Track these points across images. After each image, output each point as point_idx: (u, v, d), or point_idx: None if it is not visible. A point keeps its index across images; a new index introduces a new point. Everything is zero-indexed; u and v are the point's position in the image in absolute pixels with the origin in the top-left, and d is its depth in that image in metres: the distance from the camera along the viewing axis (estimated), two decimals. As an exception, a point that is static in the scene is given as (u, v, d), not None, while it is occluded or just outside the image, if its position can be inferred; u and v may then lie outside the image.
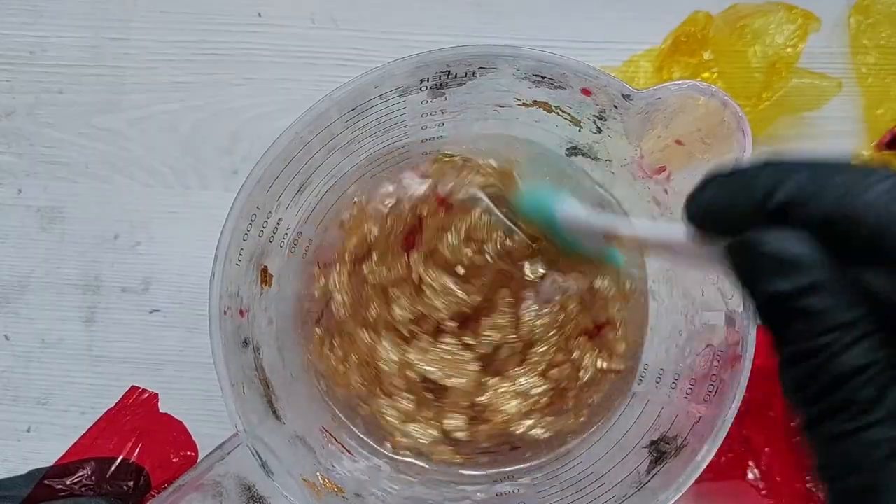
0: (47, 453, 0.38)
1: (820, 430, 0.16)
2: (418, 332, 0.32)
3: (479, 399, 0.32)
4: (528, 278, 0.31)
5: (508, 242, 0.31)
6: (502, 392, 0.32)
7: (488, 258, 0.31)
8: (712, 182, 0.18)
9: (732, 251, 0.17)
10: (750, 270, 0.17)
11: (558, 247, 0.29)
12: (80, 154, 0.41)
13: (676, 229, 0.21)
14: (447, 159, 0.33)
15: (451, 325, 0.32)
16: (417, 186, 0.32)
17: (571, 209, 0.27)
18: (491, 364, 0.32)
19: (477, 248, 0.31)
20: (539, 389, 0.32)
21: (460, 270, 0.31)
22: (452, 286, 0.31)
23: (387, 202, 0.33)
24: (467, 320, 0.32)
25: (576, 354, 0.32)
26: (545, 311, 0.31)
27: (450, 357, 0.32)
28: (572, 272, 0.31)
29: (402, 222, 0.32)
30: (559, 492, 0.31)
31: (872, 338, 0.16)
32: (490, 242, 0.31)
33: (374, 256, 0.32)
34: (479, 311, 0.32)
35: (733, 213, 0.18)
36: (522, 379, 0.32)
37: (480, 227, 0.31)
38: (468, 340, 0.32)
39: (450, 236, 0.31)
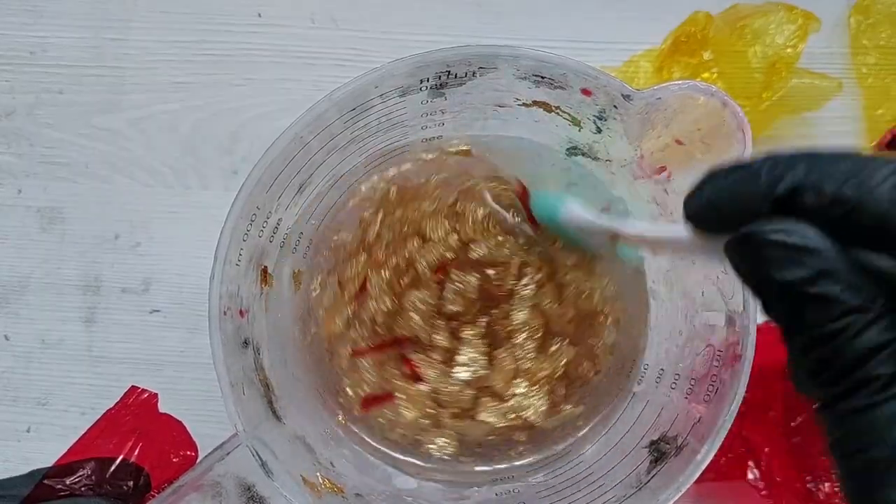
0: (47, 453, 0.38)
1: (837, 408, 0.16)
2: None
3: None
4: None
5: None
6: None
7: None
8: (712, 179, 0.18)
9: (735, 245, 0.18)
10: (757, 262, 0.17)
11: (565, 244, 0.30)
12: (80, 154, 0.41)
13: (679, 228, 0.21)
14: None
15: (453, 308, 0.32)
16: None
17: (576, 210, 0.28)
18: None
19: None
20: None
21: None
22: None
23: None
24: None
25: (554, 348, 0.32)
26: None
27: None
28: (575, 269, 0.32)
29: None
30: (559, 492, 0.31)
31: (886, 318, 0.16)
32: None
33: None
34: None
35: (736, 207, 0.18)
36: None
37: (481, 227, 0.31)
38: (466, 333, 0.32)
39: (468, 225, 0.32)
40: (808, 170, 0.16)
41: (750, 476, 0.35)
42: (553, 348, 0.32)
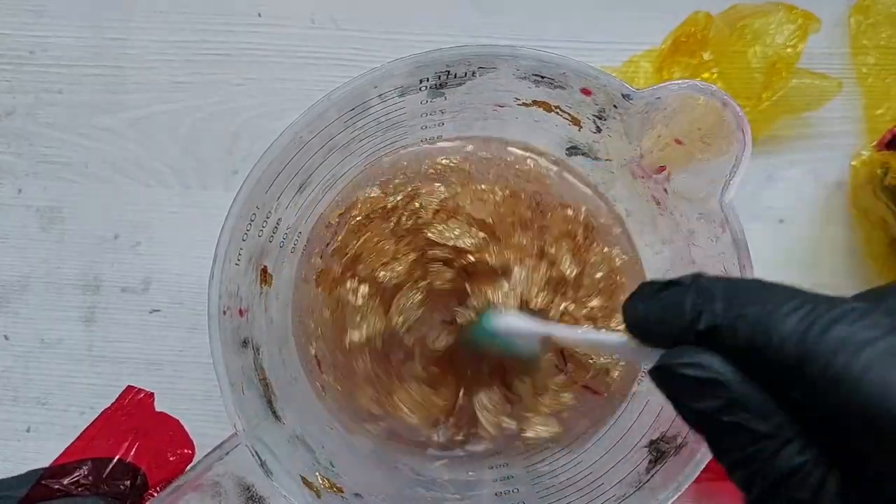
0: (47, 453, 0.38)
1: None
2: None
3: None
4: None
5: None
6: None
7: None
8: (644, 294, 0.20)
9: (656, 375, 0.19)
10: (674, 392, 0.18)
11: (502, 352, 0.30)
12: (80, 154, 0.41)
13: (614, 337, 0.22)
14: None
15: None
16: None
17: (508, 319, 0.29)
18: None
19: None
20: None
21: None
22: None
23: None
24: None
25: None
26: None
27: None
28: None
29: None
30: (559, 491, 0.31)
31: (796, 442, 0.17)
32: None
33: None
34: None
35: (663, 330, 0.19)
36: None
37: None
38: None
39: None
40: (725, 307, 0.17)
41: (750, 476, 0.35)
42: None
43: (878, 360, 0.15)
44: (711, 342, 0.18)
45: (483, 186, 0.33)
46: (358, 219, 0.33)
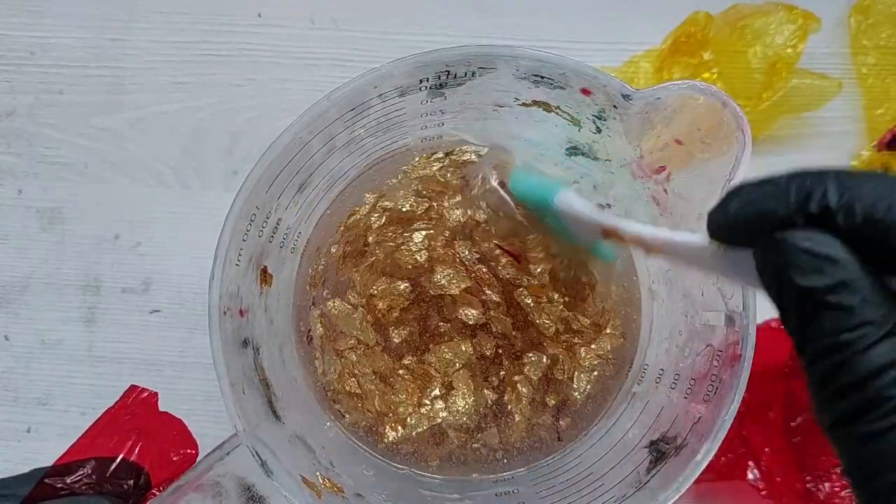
0: (47, 453, 0.38)
1: (848, 431, 0.16)
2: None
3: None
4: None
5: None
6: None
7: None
8: (738, 193, 0.19)
9: (765, 249, 0.18)
10: (782, 267, 0.17)
11: (551, 231, 0.29)
12: (80, 154, 0.41)
13: (689, 235, 0.21)
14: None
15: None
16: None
17: (571, 199, 0.27)
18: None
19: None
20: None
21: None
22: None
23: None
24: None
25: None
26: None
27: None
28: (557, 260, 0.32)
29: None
30: (559, 492, 0.31)
31: None
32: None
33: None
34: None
35: (765, 221, 0.18)
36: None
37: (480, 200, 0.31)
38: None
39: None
40: (839, 189, 0.17)
41: (750, 476, 0.35)
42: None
43: None
44: (823, 227, 0.17)
45: None
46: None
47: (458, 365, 0.32)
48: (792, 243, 0.17)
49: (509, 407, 0.33)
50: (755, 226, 0.18)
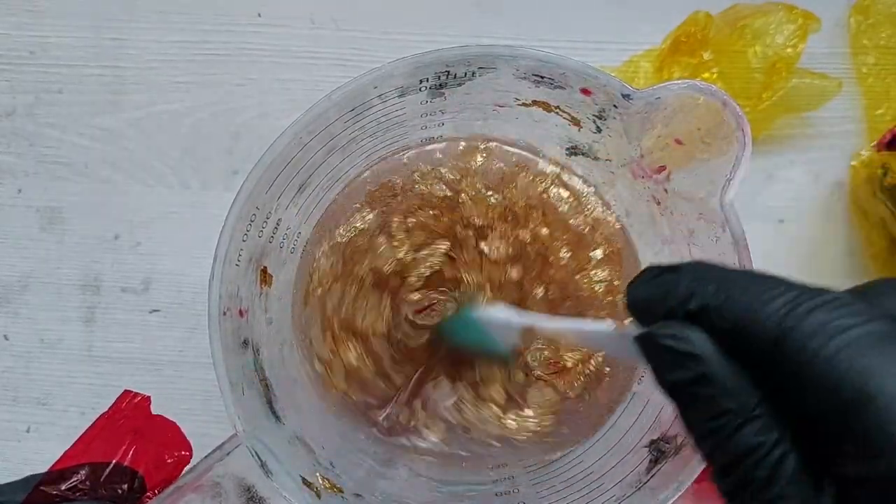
0: (47, 454, 0.38)
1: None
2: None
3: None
4: None
5: None
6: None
7: None
8: (644, 276, 0.20)
9: (640, 344, 0.19)
10: (654, 360, 0.19)
11: (475, 349, 0.31)
12: (80, 154, 0.41)
13: (597, 324, 0.23)
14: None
15: None
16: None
17: (489, 311, 0.29)
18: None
19: None
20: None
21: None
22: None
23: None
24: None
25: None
26: None
27: None
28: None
29: None
30: (559, 491, 0.31)
31: (759, 420, 0.17)
32: None
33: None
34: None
35: (658, 309, 0.19)
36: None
37: None
38: None
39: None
40: (716, 291, 0.18)
41: (750, 476, 0.35)
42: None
43: (853, 343, 0.16)
44: (701, 322, 0.18)
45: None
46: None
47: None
48: (658, 342, 0.19)
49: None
50: (650, 312, 0.20)
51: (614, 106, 0.28)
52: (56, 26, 0.42)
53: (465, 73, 0.29)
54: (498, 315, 0.28)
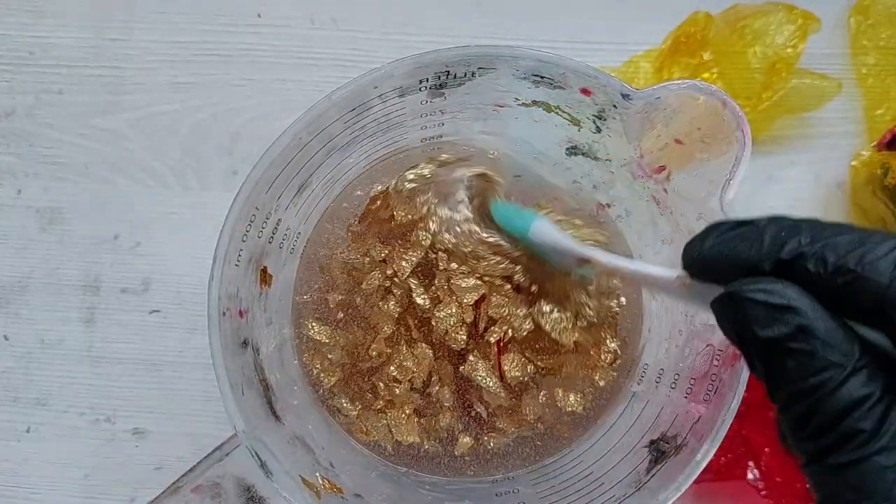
0: (47, 454, 0.38)
1: (825, 463, 0.17)
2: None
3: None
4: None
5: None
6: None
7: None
8: (715, 231, 0.19)
9: (720, 303, 0.18)
10: (740, 319, 0.18)
11: (530, 250, 0.30)
12: (80, 154, 0.41)
13: (660, 270, 0.22)
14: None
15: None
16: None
17: (547, 229, 0.28)
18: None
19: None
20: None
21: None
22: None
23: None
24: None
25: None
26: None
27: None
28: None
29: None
30: (559, 491, 0.31)
31: (864, 371, 0.17)
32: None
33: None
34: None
35: (737, 263, 0.18)
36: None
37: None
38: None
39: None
40: (812, 238, 0.17)
41: (750, 476, 0.35)
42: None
43: None
44: (792, 275, 0.17)
45: None
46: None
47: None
48: (748, 297, 0.18)
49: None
50: (726, 267, 0.19)
51: (614, 106, 0.28)
52: (56, 26, 0.42)
53: (465, 74, 0.29)
54: (558, 236, 0.27)
